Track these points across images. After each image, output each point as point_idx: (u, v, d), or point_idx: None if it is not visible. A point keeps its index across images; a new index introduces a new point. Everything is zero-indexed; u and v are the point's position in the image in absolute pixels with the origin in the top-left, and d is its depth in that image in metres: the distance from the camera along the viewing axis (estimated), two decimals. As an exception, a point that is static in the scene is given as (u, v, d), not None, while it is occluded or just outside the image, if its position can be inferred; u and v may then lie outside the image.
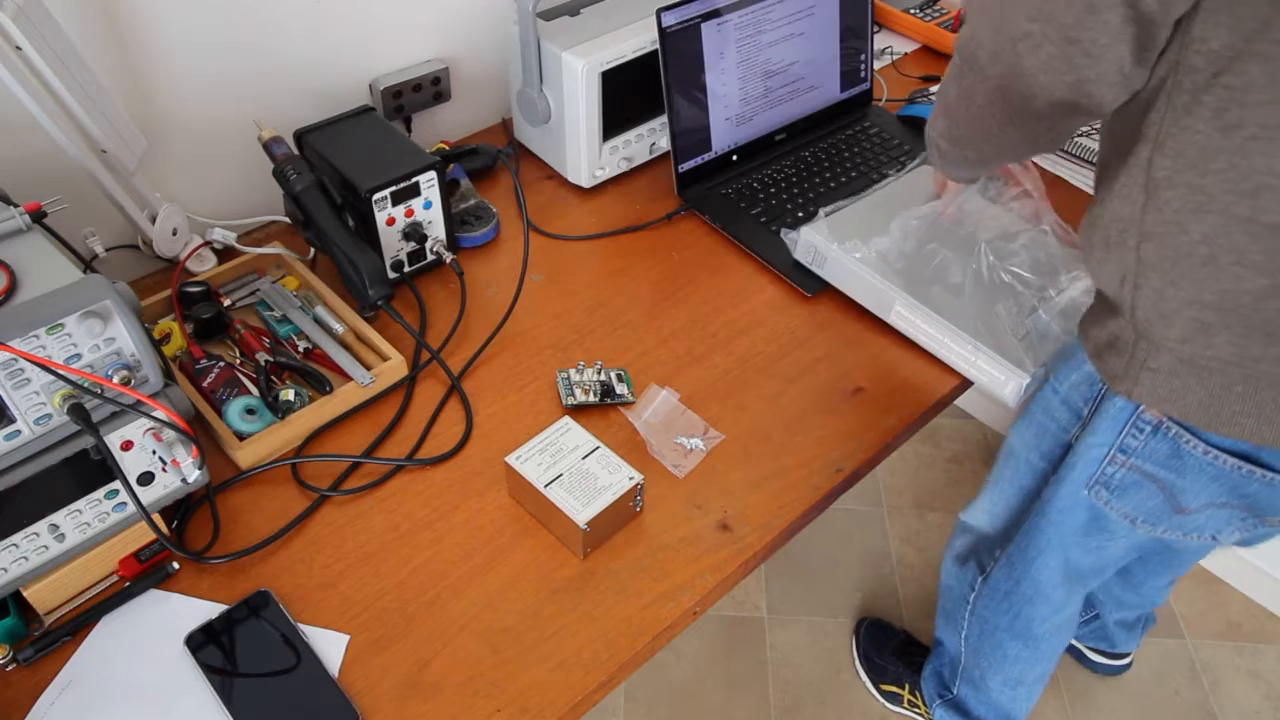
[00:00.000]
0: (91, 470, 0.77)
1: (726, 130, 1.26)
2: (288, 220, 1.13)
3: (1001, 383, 1.00)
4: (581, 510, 0.83)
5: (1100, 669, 1.69)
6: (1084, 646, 1.68)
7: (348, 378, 0.98)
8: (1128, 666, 1.69)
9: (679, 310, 1.11)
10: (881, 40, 1.61)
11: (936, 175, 1.16)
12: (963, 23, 0.84)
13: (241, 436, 0.91)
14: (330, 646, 0.79)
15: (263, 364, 0.96)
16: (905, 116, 1.39)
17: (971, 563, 1.27)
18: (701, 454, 0.95)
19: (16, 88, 0.86)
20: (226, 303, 1.05)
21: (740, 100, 1.26)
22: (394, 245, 1.08)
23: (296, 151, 1.09)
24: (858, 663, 1.70)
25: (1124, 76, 0.74)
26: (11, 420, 0.71)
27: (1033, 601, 1.17)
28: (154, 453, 0.80)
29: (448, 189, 1.13)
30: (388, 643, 0.80)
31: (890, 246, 1.08)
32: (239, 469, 0.92)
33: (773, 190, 1.26)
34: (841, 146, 1.34)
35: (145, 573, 0.83)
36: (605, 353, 1.06)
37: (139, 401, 0.76)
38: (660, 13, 1.13)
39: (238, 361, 1.00)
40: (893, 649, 1.68)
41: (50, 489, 0.76)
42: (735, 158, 1.29)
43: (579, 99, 1.17)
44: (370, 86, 1.26)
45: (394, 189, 1.04)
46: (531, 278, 1.15)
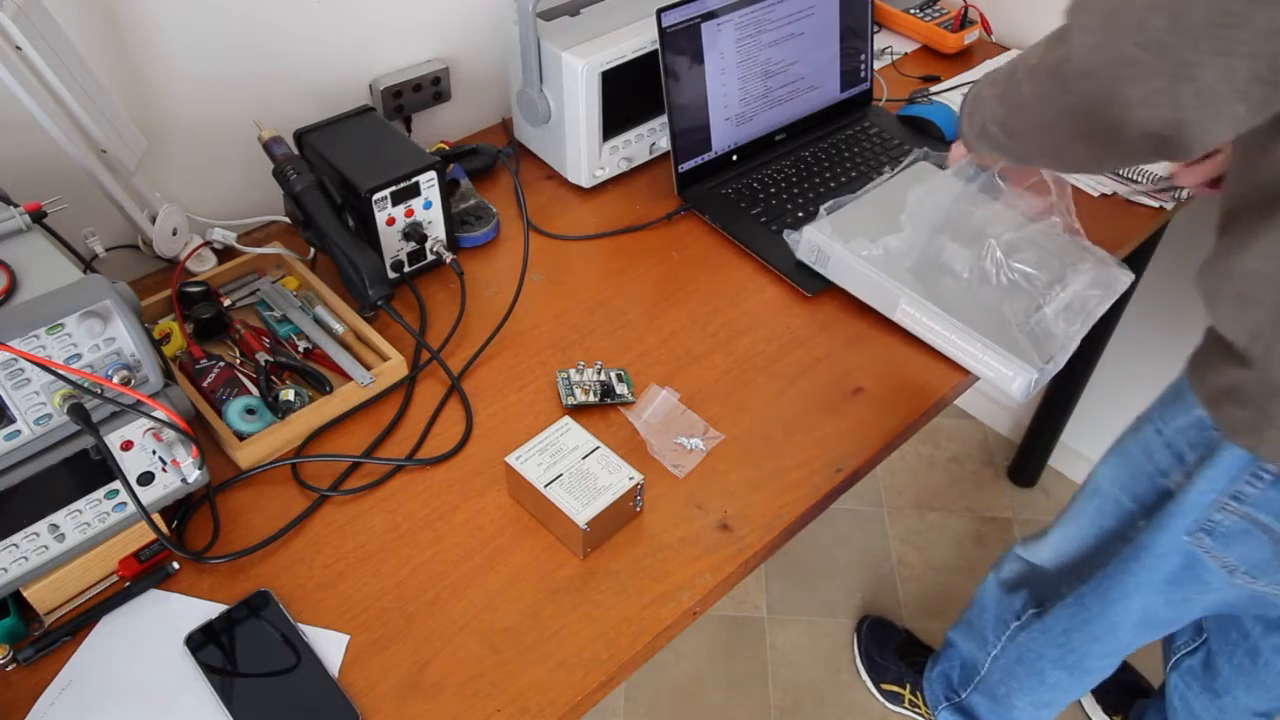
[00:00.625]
0: (91, 470, 0.77)
1: (726, 130, 1.26)
2: (288, 220, 1.13)
3: (1009, 378, 0.99)
4: (581, 510, 0.83)
5: None
6: None
7: (348, 378, 0.98)
8: None
9: (679, 310, 1.11)
10: (881, 40, 1.61)
11: (956, 147, 1.12)
12: (1070, 20, 0.77)
13: (241, 436, 0.91)
14: (330, 646, 0.79)
15: (263, 364, 0.96)
16: (905, 116, 1.39)
17: (1023, 594, 1.23)
18: (701, 454, 0.95)
19: (16, 88, 0.86)
20: (226, 303, 1.05)
21: (740, 100, 1.26)
22: (394, 245, 1.08)
23: (296, 151, 1.09)
24: (858, 661, 1.70)
25: (1234, 126, 0.70)
26: (11, 420, 0.71)
27: (1099, 640, 1.14)
28: (154, 453, 0.80)
29: (448, 189, 1.13)
30: (388, 643, 0.80)
31: (899, 244, 1.07)
32: (239, 469, 0.92)
33: (773, 190, 1.26)
34: (841, 146, 1.34)
35: (145, 573, 0.83)
36: (605, 353, 1.06)
37: (139, 401, 0.76)
38: (660, 13, 1.13)
39: (238, 361, 1.00)
40: (894, 648, 1.67)
41: (50, 489, 0.76)
42: (735, 158, 1.29)
43: (579, 99, 1.17)
44: (370, 86, 1.26)
45: (394, 189, 1.04)
46: (531, 278, 1.15)
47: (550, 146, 1.28)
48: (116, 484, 0.79)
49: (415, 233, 1.09)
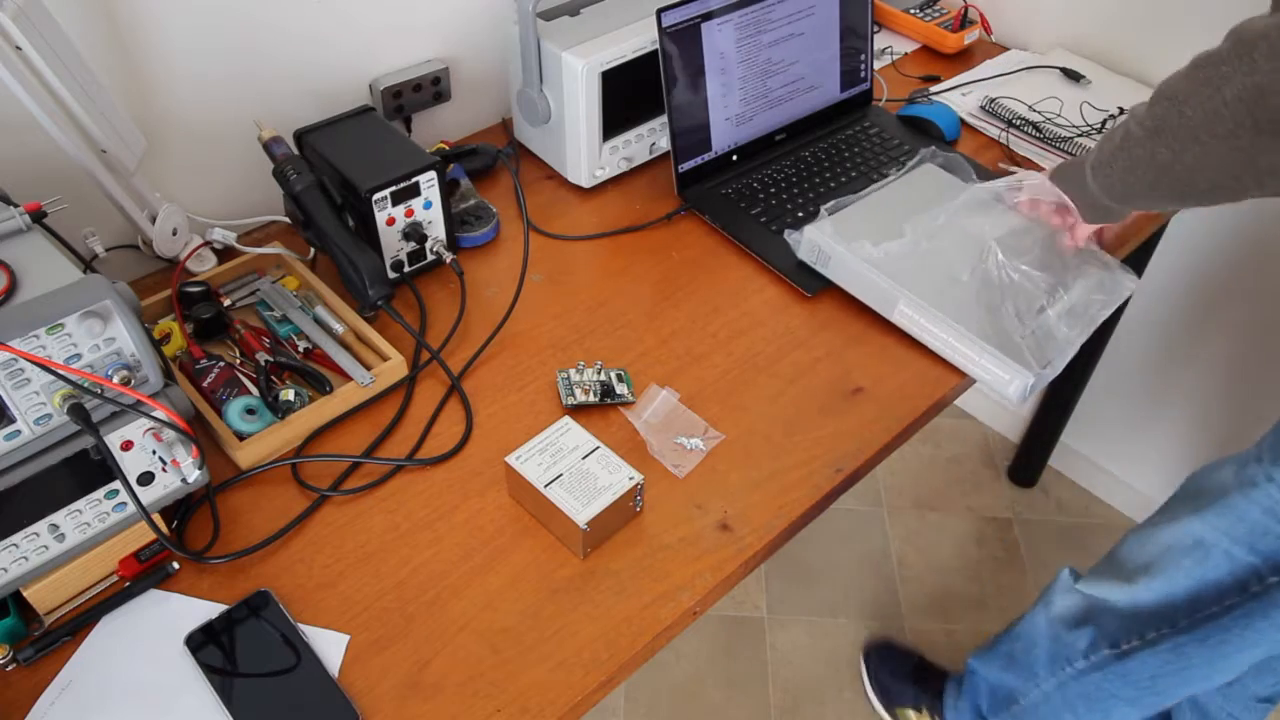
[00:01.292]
0: (91, 470, 0.77)
1: (726, 130, 1.26)
2: (288, 220, 1.13)
3: (1005, 381, 0.99)
4: (581, 510, 0.83)
5: None
6: None
7: (348, 378, 0.98)
8: None
9: (679, 310, 1.11)
10: (881, 40, 1.61)
11: (1033, 200, 1.09)
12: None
13: (241, 436, 0.91)
14: (330, 646, 0.79)
15: (263, 364, 0.96)
16: (905, 116, 1.39)
17: (1087, 632, 1.18)
18: (701, 454, 0.95)
19: (16, 88, 0.86)
20: (226, 303, 1.05)
21: (740, 100, 1.26)
22: (394, 245, 1.08)
23: (296, 151, 1.09)
24: (869, 687, 1.67)
25: None
26: (11, 420, 0.71)
27: (1189, 685, 1.10)
28: (154, 453, 0.80)
29: (448, 189, 1.13)
30: (388, 643, 0.80)
31: (900, 247, 1.07)
32: (239, 469, 0.92)
33: (773, 190, 1.26)
34: (841, 146, 1.34)
35: (145, 573, 0.83)
36: (605, 353, 1.06)
37: (139, 401, 0.76)
38: (660, 13, 1.13)
39: (238, 361, 1.00)
40: (907, 673, 1.64)
41: (50, 489, 0.76)
42: (735, 158, 1.29)
43: (579, 99, 1.17)
44: (370, 86, 1.26)
45: (394, 189, 1.04)
46: (531, 278, 1.15)
47: (550, 146, 1.28)
48: (116, 484, 0.79)
49: (415, 233, 1.09)
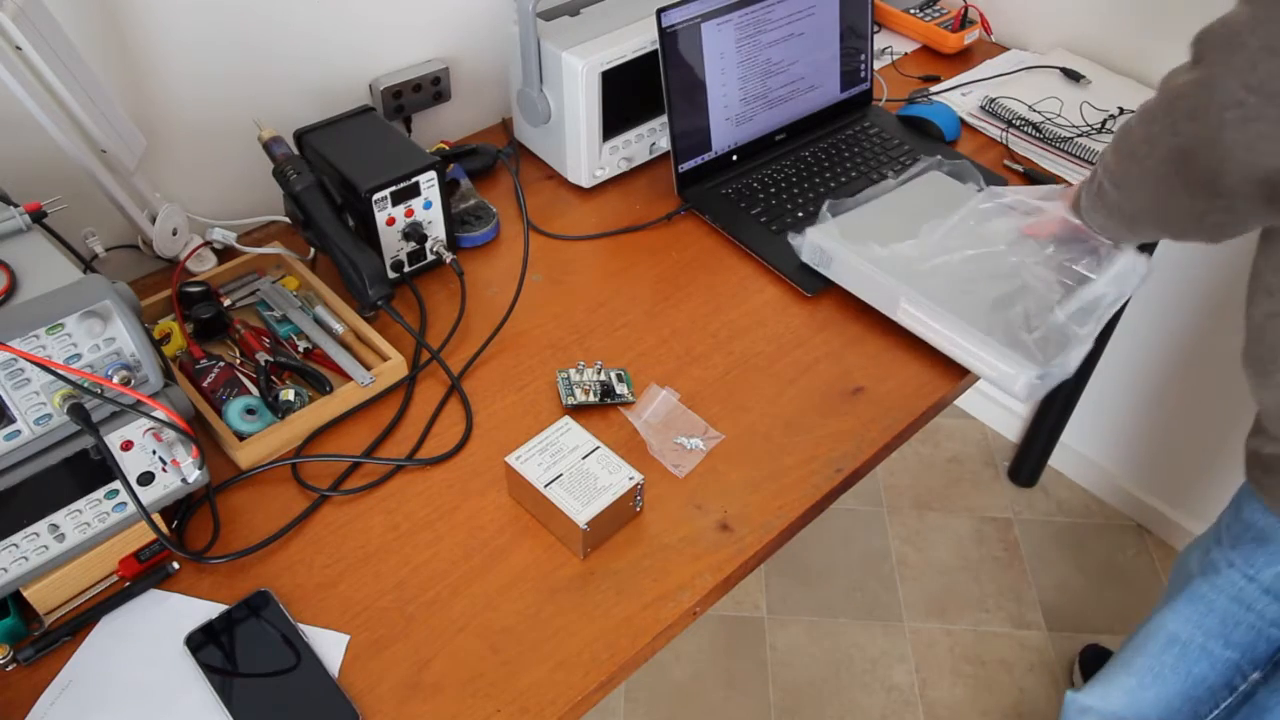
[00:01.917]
0: (91, 470, 0.77)
1: (726, 130, 1.26)
2: (288, 220, 1.13)
3: (1012, 377, 0.98)
4: (581, 510, 0.83)
5: None
6: None
7: (348, 378, 0.98)
8: None
9: (679, 310, 1.11)
10: (881, 40, 1.61)
11: (1048, 221, 1.07)
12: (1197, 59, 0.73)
13: (241, 436, 0.91)
14: (330, 646, 0.79)
15: (263, 364, 0.96)
16: (905, 116, 1.39)
17: None
18: (701, 454, 0.95)
19: (16, 88, 0.86)
20: (226, 303, 1.05)
21: (740, 100, 1.26)
22: (394, 245, 1.08)
23: (296, 151, 1.09)
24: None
25: None
26: (11, 420, 0.71)
27: None
28: (154, 453, 0.80)
29: (448, 189, 1.13)
30: (388, 643, 0.80)
31: (911, 250, 1.07)
32: (239, 469, 0.92)
33: (773, 190, 1.26)
34: (841, 146, 1.34)
35: (145, 573, 0.83)
36: (605, 353, 1.06)
37: (139, 401, 0.76)
38: (660, 13, 1.13)
39: (238, 361, 1.00)
40: None
41: (50, 489, 0.76)
42: (735, 158, 1.29)
43: (579, 99, 1.17)
44: (370, 86, 1.26)
45: (394, 189, 1.04)
46: (531, 278, 1.15)
47: (550, 146, 1.28)
48: (116, 484, 0.79)
49: (415, 233, 1.09)
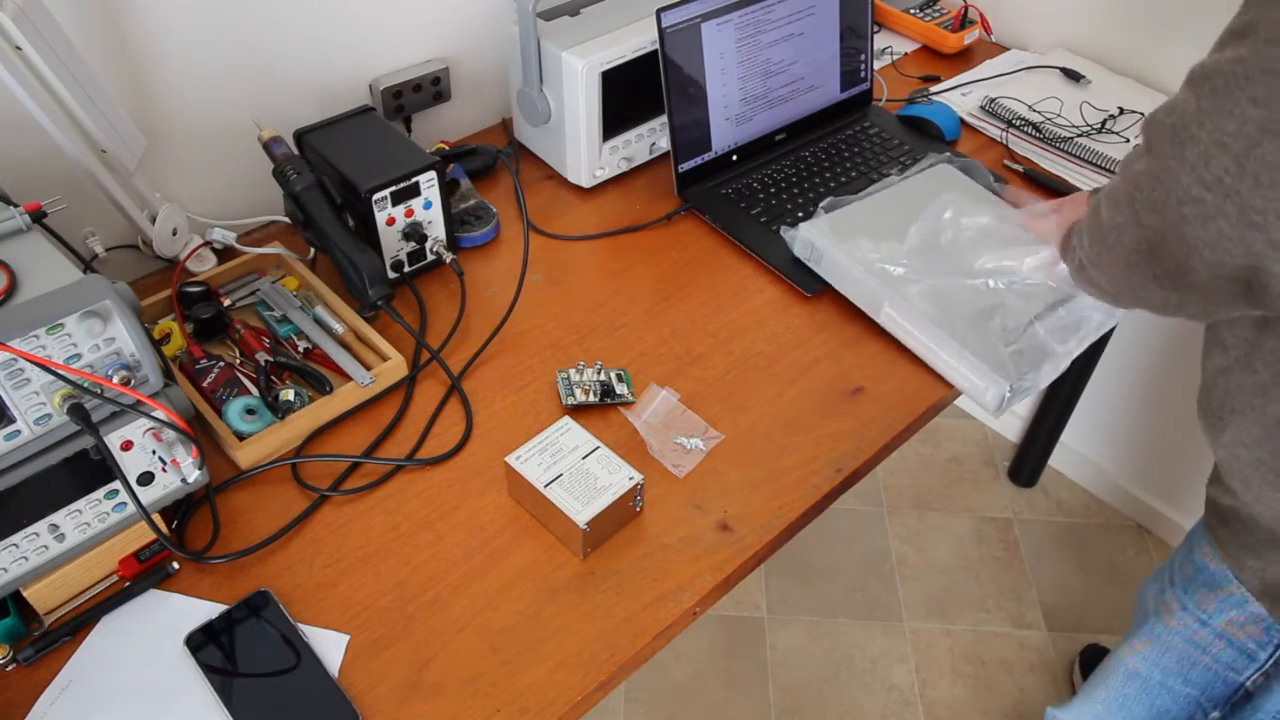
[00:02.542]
0: (91, 470, 0.77)
1: (726, 130, 1.26)
2: (288, 220, 1.13)
3: (981, 389, 0.98)
4: (581, 510, 0.83)
5: None
6: None
7: (348, 378, 0.98)
8: None
9: (679, 310, 1.11)
10: (881, 40, 1.61)
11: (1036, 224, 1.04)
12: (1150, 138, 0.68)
13: (241, 436, 0.91)
14: (330, 646, 0.79)
15: (263, 364, 0.96)
16: (905, 116, 1.39)
17: None
18: (701, 454, 0.95)
19: (16, 88, 0.86)
20: (226, 303, 1.05)
21: (740, 100, 1.26)
22: (394, 245, 1.08)
23: (296, 151, 1.09)
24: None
25: None
26: (11, 420, 0.71)
27: None
28: (154, 453, 0.80)
29: (448, 189, 1.13)
30: (388, 643, 0.80)
31: (899, 249, 1.06)
32: (239, 469, 0.92)
33: (773, 190, 1.26)
34: (841, 146, 1.34)
35: (145, 573, 0.83)
36: (605, 353, 1.06)
37: (139, 401, 0.76)
38: (660, 13, 1.13)
39: (238, 361, 1.00)
40: None
41: (50, 489, 0.76)
42: (735, 158, 1.29)
43: (579, 99, 1.17)
44: (370, 86, 1.25)
45: (394, 189, 1.04)
46: (531, 278, 1.15)
47: (550, 146, 1.28)
48: (116, 484, 0.79)
49: (415, 233, 1.09)
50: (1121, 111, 1.39)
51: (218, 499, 0.90)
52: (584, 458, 0.87)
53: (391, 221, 1.06)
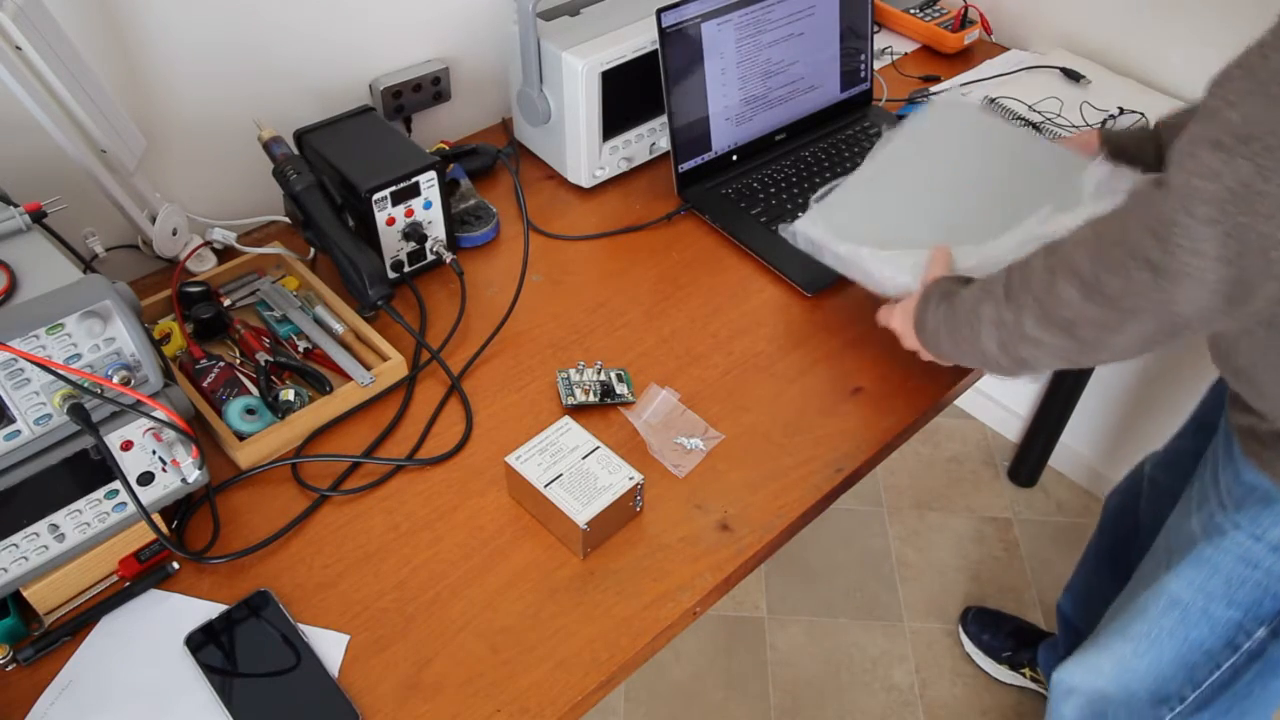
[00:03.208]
0: (91, 470, 0.77)
1: (726, 130, 1.26)
2: (288, 220, 1.13)
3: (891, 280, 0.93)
4: (581, 510, 0.83)
5: None
6: None
7: (348, 378, 0.98)
8: None
9: (679, 310, 1.11)
10: (881, 40, 1.61)
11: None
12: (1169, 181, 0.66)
13: (241, 436, 0.91)
14: (330, 646, 0.79)
15: (263, 364, 0.96)
16: (905, 116, 1.39)
17: None
18: (701, 454, 0.95)
19: (16, 88, 0.86)
20: (226, 303, 1.05)
21: (740, 100, 1.26)
22: (394, 245, 1.08)
23: (296, 151, 1.09)
24: (968, 644, 1.74)
25: None
26: (11, 420, 0.71)
27: None
28: (154, 453, 0.80)
29: (448, 189, 1.13)
30: (388, 643, 0.80)
31: (893, 207, 1.00)
32: (239, 469, 0.92)
33: (773, 190, 1.26)
34: (842, 146, 1.34)
35: (145, 573, 0.83)
36: (605, 353, 1.06)
37: (139, 401, 0.76)
38: (660, 13, 1.13)
39: (238, 361, 1.00)
40: (1009, 630, 1.72)
41: (50, 489, 0.76)
42: (735, 157, 1.29)
43: (579, 99, 1.17)
44: (370, 86, 1.26)
45: (394, 189, 1.04)
46: (531, 278, 1.15)
47: (550, 146, 1.28)
48: (116, 484, 0.79)
49: (415, 233, 1.09)
50: (1122, 111, 1.39)
51: (218, 499, 0.90)
52: (584, 458, 0.87)
53: (391, 221, 1.06)
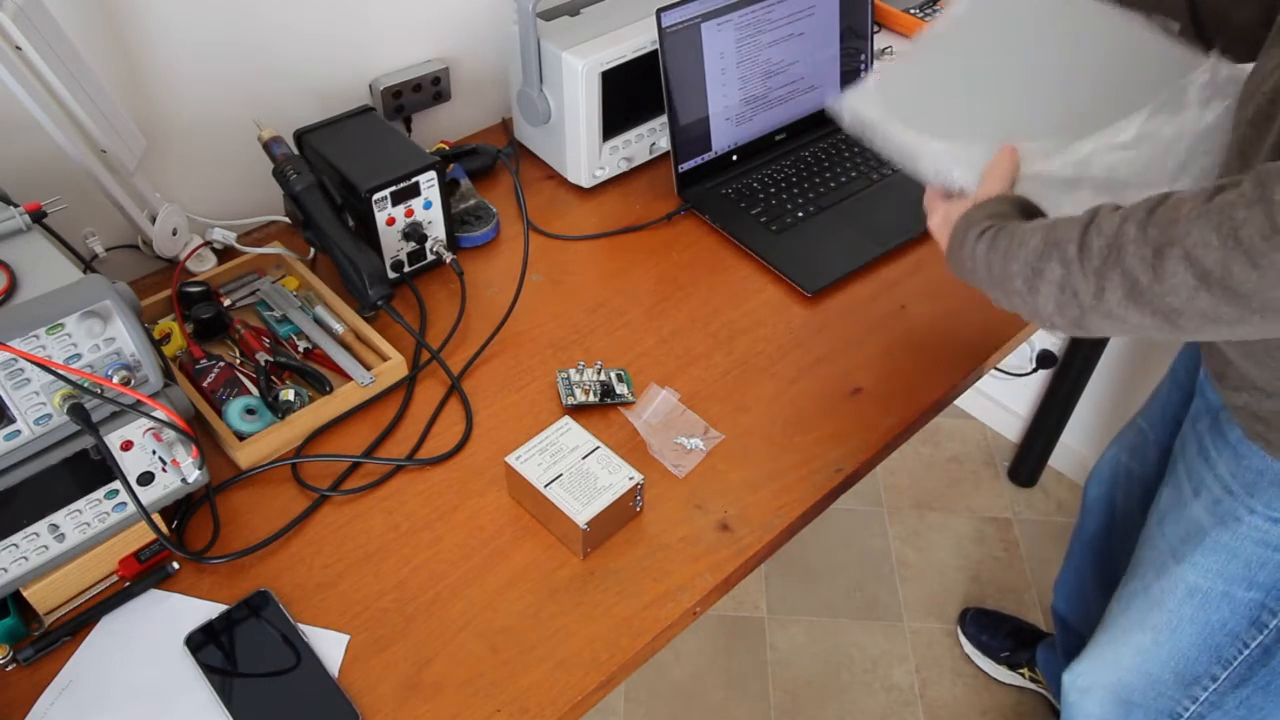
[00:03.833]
0: (91, 470, 0.77)
1: (726, 130, 1.26)
2: (288, 220, 1.13)
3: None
4: (581, 510, 0.83)
5: None
6: None
7: (348, 378, 0.98)
8: None
9: (679, 310, 1.11)
10: (881, 40, 1.61)
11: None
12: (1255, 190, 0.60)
13: (241, 436, 0.91)
14: (330, 646, 0.79)
15: (263, 364, 0.96)
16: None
17: (1137, 715, 1.10)
18: (701, 454, 0.95)
19: (16, 88, 0.86)
20: (226, 303, 1.05)
21: (740, 100, 1.26)
22: (394, 245, 1.08)
23: (296, 151, 1.09)
24: (967, 645, 1.75)
25: None
26: (11, 420, 0.71)
27: None
28: (154, 453, 0.80)
29: (448, 189, 1.13)
30: (388, 643, 0.80)
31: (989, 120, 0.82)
32: (239, 469, 0.92)
33: (773, 190, 1.26)
34: (841, 146, 1.34)
35: (145, 573, 0.83)
36: (605, 353, 1.06)
37: (139, 401, 0.76)
38: (660, 13, 1.13)
39: (238, 361, 1.00)
40: (1007, 631, 1.72)
41: (50, 489, 0.76)
42: (735, 158, 1.29)
43: (579, 99, 1.17)
44: (370, 86, 1.26)
45: (394, 189, 1.04)
46: (531, 278, 1.15)
47: (550, 146, 1.28)
48: (116, 484, 0.79)
49: (415, 233, 1.09)
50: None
51: (218, 499, 0.90)
52: (584, 458, 0.87)
53: (391, 221, 1.06)
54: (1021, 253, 0.73)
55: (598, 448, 0.88)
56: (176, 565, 0.84)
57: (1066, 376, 1.80)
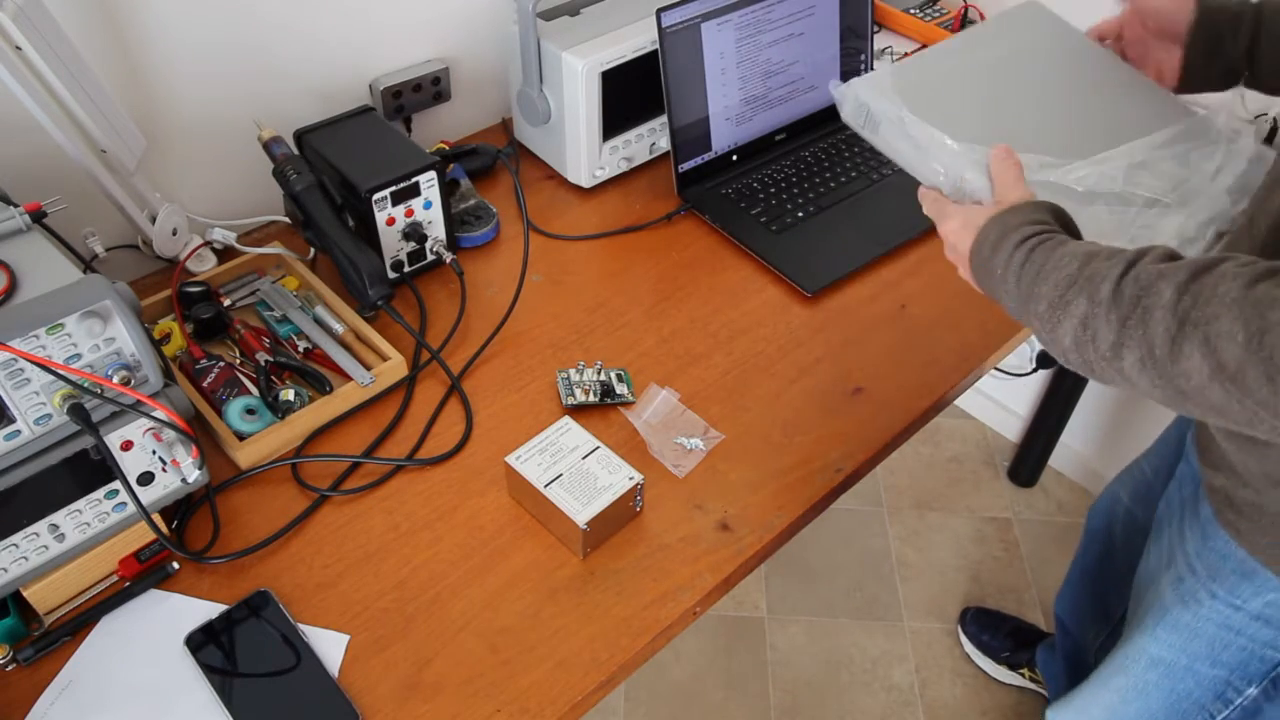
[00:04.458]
0: (91, 470, 0.77)
1: (726, 130, 1.26)
2: (288, 220, 1.13)
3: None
4: (581, 510, 0.83)
5: None
6: None
7: (348, 378, 0.98)
8: None
9: (679, 310, 1.11)
10: (881, 40, 1.61)
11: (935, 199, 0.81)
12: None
13: (241, 436, 0.91)
14: (330, 646, 0.79)
15: (263, 364, 0.96)
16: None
17: None
18: (701, 454, 0.95)
19: (16, 88, 0.86)
20: (226, 303, 1.05)
21: (740, 100, 1.26)
22: (394, 245, 1.08)
23: (296, 151, 1.09)
24: (968, 644, 1.75)
25: None
26: (11, 420, 0.71)
27: None
28: (154, 453, 0.80)
29: (448, 189, 1.13)
30: (388, 643, 0.80)
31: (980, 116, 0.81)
32: (239, 469, 0.92)
33: (773, 190, 1.26)
34: (841, 146, 1.34)
35: (145, 573, 0.83)
36: (605, 353, 1.06)
37: (139, 401, 0.76)
38: (660, 13, 1.13)
39: (238, 361, 1.00)
40: (1007, 630, 1.73)
41: (50, 489, 0.76)
42: (735, 158, 1.29)
43: (579, 99, 1.17)
44: (370, 86, 1.26)
45: (394, 189, 1.04)
46: (531, 278, 1.15)
47: (550, 146, 1.28)
48: (116, 484, 0.79)
49: (415, 233, 1.09)
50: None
51: (218, 499, 0.90)
52: (584, 458, 0.87)
53: (391, 221, 1.06)
54: (1054, 275, 0.67)
55: (598, 448, 0.88)
56: (176, 565, 0.84)
57: (1066, 376, 1.80)
